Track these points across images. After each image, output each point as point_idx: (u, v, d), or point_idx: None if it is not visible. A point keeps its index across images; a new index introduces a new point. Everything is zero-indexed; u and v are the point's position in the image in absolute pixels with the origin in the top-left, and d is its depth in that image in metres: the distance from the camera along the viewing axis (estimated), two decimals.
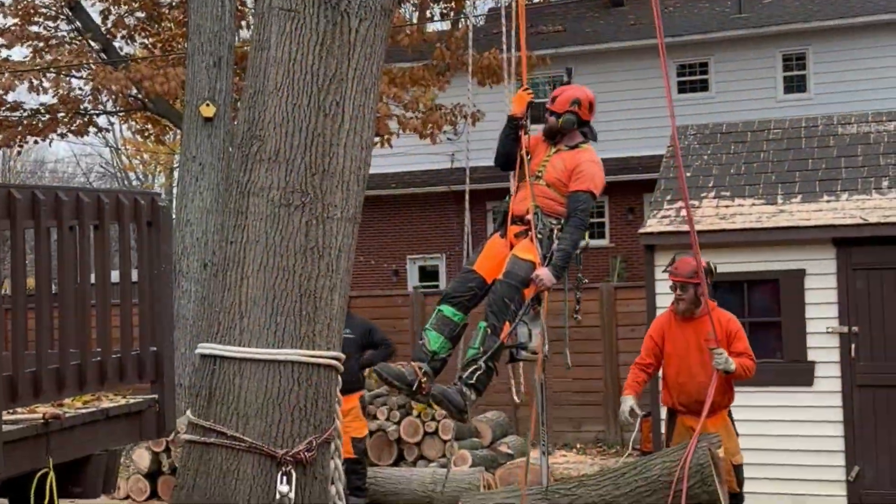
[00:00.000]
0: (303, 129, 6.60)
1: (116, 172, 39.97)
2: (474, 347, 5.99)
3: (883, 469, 8.71)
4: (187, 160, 12.93)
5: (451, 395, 5.88)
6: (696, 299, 7.15)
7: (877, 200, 9.05)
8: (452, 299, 6.14)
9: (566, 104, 6.57)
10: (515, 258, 6.14)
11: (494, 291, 6.06)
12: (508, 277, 6.07)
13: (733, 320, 7.26)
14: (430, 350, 6.05)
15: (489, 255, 6.26)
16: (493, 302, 6.03)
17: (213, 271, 6.85)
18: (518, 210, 6.33)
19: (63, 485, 4.61)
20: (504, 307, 6.00)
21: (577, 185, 6.30)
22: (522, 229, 6.26)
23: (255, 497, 6.31)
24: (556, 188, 6.36)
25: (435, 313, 6.14)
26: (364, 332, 9.28)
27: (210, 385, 6.53)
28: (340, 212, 6.71)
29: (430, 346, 6.05)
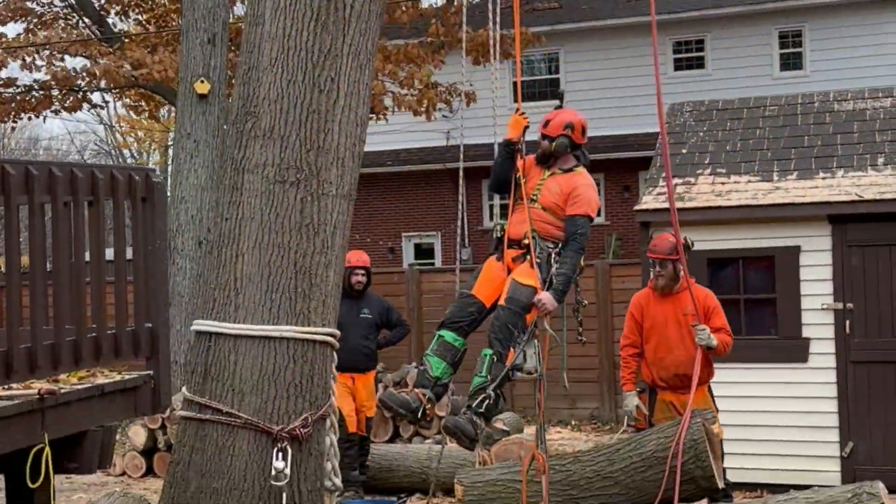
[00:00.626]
0: (297, 106, 6.58)
1: (111, 150, 39.87)
2: (481, 376, 6.03)
3: (877, 445, 8.75)
4: (182, 137, 12.90)
5: (463, 426, 5.94)
6: (674, 275, 7.28)
7: (872, 177, 9.05)
8: (453, 325, 6.18)
9: (559, 128, 6.56)
10: (516, 283, 6.16)
11: (498, 318, 6.09)
12: (511, 304, 6.10)
13: (710, 296, 7.37)
14: (433, 376, 6.11)
15: (487, 278, 6.29)
16: (498, 329, 6.07)
17: (208, 248, 6.85)
18: (515, 234, 6.35)
19: (59, 460, 4.63)
20: (509, 334, 6.07)
21: (574, 209, 6.35)
22: (519, 253, 6.30)
23: (250, 473, 6.33)
24: (552, 212, 6.39)
25: (436, 339, 6.17)
26: (381, 311, 9.35)
27: (205, 362, 6.54)
28: (336, 188, 6.70)
29: (433, 372, 6.11)
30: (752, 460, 8.86)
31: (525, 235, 6.26)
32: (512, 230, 6.38)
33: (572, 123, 6.59)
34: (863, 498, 6.44)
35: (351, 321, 8.82)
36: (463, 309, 6.20)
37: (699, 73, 21.14)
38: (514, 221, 6.42)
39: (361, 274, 9.14)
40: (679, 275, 7.28)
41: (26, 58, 17.37)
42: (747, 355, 9.02)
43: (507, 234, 6.38)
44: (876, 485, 6.53)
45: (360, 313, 9.12)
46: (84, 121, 49.48)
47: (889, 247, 8.75)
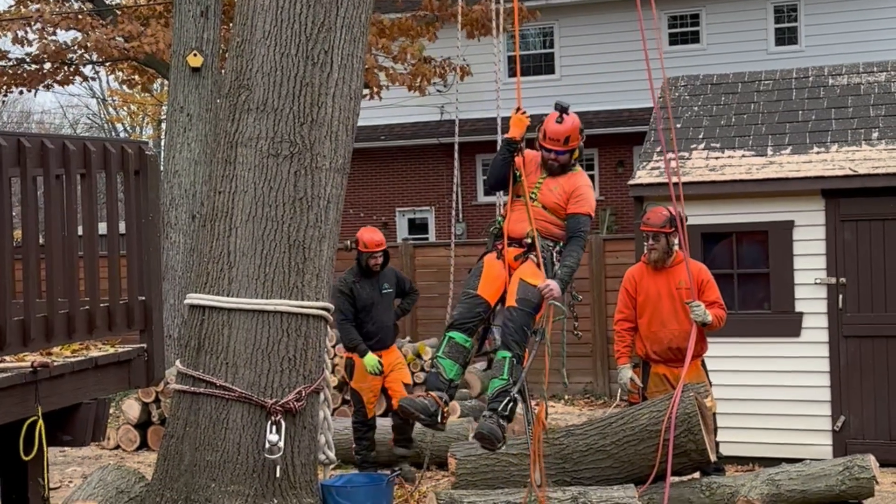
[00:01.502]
0: (291, 79, 6.56)
1: (104, 124, 39.72)
2: (503, 378, 6.03)
3: (868, 419, 8.79)
4: (175, 111, 12.85)
5: (495, 431, 5.95)
6: (667, 249, 7.34)
7: (866, 151, 9.05)
8: (462, 326, 6.18)
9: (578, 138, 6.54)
10: (525, 283, 6.17)
11: (513, 320, 6.09)
12: (524, 305, 6.12)
13: (704, 270, 7.41)
14: (447, 379, 6.10)
15: (490, 277, 6.29)
16: (514, 331, 6.08)
17: (202, 222, 6.84)
18: (516, 232, 6.36)
19: (52, 433, 4.63)
20: (524, 336, 6.11)
21: (576, 208, 6.38)
22: (520, 252, 6.33)
23: (244, 446, 6.36)
24: (553, 211, 6.40)
25: (446, 341, 6.15)
26: (399, 282, 9.23)
27: (199, 335, 6.55)
28: (329, 162, 6.70)
29: (447, 374, 6.10)
30: (745, 434, 8.91)
31: (527, 235, 6.30)
32: (512, 228, 6.39)
33: (582, 128, 6.63)
34: (854, 471, 6.48)
35: (376, 299, 8.88)
36: (471, 310, 6.21)
37: (694, 48, 21.08)
38: (513, 219, 6.43)
39: (379, 256, 8.95)
40: (672, 248, 7.35)
41: (18, 32, 17.25)
42: (740, 329, 9.05)
43: (507, 233, 6.39)
44: (867, 458, 6.57)
45: (381, 290, 9.00)
46: (76, 94, 49.30)
47: (882, 221, 8.76)
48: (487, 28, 17.54)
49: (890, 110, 9.51)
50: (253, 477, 6.32)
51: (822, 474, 6.54)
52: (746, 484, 6.54)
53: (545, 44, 22.06)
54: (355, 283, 8.83)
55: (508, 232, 6.41)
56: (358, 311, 8.80)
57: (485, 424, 5.96)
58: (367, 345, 8.76)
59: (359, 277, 8.88)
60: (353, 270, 8.97)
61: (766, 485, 6.51)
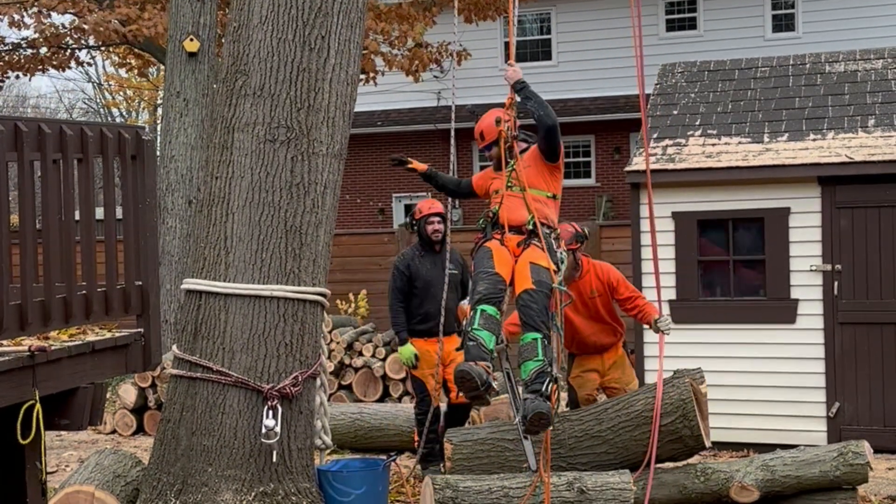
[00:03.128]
0: (288, 64, 6.56)
1: (100, 109, 39.64)
2: (538, 359, 6.09)
3: (862, 405, 8.83)
4: (171, 96, 12.83)
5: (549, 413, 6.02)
6: (575, 264, 7.56)
7: (862, 139, 9.06)
8: (490, 299, 6.24)
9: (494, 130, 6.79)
10: (539, 267, 6.33)
11: (536, 302, 6.21)
12: (542, 287, 6.27)
13: (612, 270, 7.68)
14: (489, 349, 6.13)
15: (502, 260, 6.41)
16: (538, 313, 6.19)
17: (198, 207, 6.84)
18: (515, 220, 6.51)
19: (50, 417, 4.65)
20: (547, 316, 6.24)
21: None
22: (522, 238, 6.49)
23: (241, 431, 6.37)
24: (535, 182, 6.60)
25: (478, 314, 6.18)
26: (464, 267, 8.40)
27: (196, 320, 6.56)
28: (326, 147, 6.70)
29: (489, 345, 6.14)
30: (740, 420, 8.95)
31: (528, 222, 6.48)
32: (511, 216, 6.52)
33: (499, 117, 6.81)
34: (848, 457, 6.51)
35: (437, 277, 8.00)
36: (495, 286, 6.29)
37: (691, 35, 21.04)
38: (508, 207, 6.57)
39: (437, 221, 8.25)
40: (579, 263, 7.57)
41: (14, 15, 17.21)
42: (736, 316, 9.09)
43: (507, 221, 6.52)
44: (861, 444, 6.59)
45: (445, 269, 7.88)
46: (73, 79, 49.16)
47: (878, 208, 8.77)
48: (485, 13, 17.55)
49: (886, 97, 9.51)
50: (249, 461, 6.34)
51: (816, 460, 6.57)
52: (741, 470, 6.57)
53: (542, 30, 22.01)
54: (415, 259, 8.21)
55: (509, 220, 6.50)
56: (417, 289, 8.13)
57: (535, 405, 5.96)
58: (426, 327, 8.08)
59: (421, 252, 8.27)
60: (415, 246, 8.42)
61: (760, 470, 6.54)
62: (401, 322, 8.21)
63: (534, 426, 6.03)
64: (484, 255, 6.48)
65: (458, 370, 6.04)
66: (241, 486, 6.29)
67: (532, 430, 6.13)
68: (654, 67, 11.49)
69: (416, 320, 8.24)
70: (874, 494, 7.38)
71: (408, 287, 8.20)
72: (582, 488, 6.20)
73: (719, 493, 6.54)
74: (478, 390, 6.02)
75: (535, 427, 6.05)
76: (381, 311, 14.37)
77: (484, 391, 6.05)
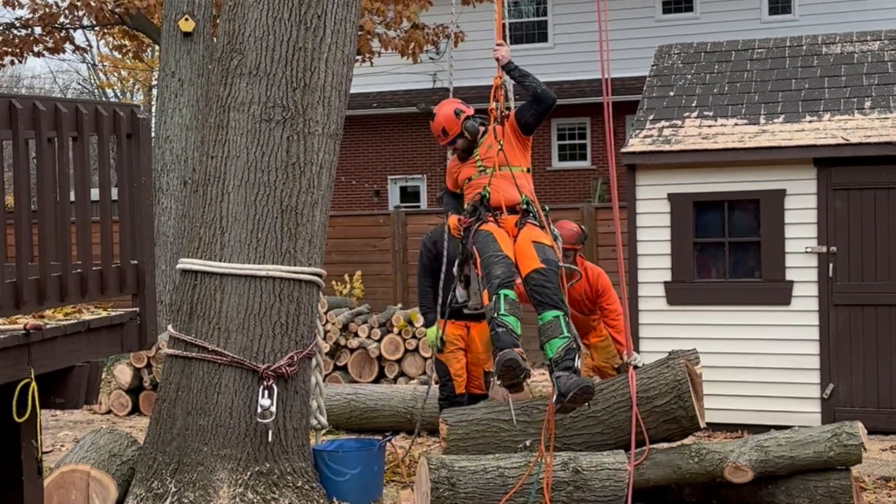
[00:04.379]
0: (284, 43, 6.54)
1: (94, 90, 39.50)
2: (565, 336, 6.09)
3: (856, 386, 8.85)
4: (166, 76, 12.78)
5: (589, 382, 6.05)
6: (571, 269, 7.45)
7: (859, 120, 9.05)
8: (509, 283, 6.25)
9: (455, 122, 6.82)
10: (542, 245, 6.39)
11: (549, 280, 6.22)
12: (551, 265, 6.31)
13: (602, 276, 7.71)
14: (518, 334, 6.13)
15: (505, 242, 6.43)
16: (554, 291, 6.21)
17: (194, 187, 6.84)
18: (508, 200, 6.56)
19: (45, 395, 4.64)
20: (562, 292, 6.27)
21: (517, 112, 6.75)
22: (517, 218, 6.54)
23: (236, 410, 6.39)
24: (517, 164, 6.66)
25: (502, 298, 6.16)
26: None
27: (191, 300, 6.57)
28: (322, 127, 6.69)
29: (517, 330, 6.14)
30: (734, 401, 8.97)
31: (521, 201, 6.54)
32: (503, 197, 6.54)
33: (459, 109, 6.84)
34: (842, 438, 6.53)
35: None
36: (509, 268, 6.30)
37: (688, 16, 20.98)
38: (497, 188, 6.58)
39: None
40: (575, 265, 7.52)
41: None
42: (731, 298, 9.09)
43: (501, 202, 6.54)
44: (855, 425, 6.61)
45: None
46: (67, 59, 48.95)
47: (874, 190, 8.77)
48: None
49: (883, 79, 9.50)
50: (245, 441, 6.36)
51: (810, 441, 6.59)
52: (735, 450, 6.58)
53: (538, 11, 21.95)
54: (444, 238, 7.56)
55: (503, 201, 6.52)
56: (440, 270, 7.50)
57: (577, 380, 5.95)
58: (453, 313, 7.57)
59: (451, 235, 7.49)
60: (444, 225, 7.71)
61: (754, 451, 6.56)
62: (427, 302, 7.85)
63: (575, 401, 6.01)
64: (486, 238, 6.46)
65: (507, 360, 5.96)
66: (236, 465, 6.31)
67: (570, 407, 6.10)
68: (650, 49, 11.46)
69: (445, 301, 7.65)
70: (868, 475, 7.41)
71: (436, 265, 7.64)
72: (577, 468, 6.22)
73: (713, 474, 6.56)
74: (518, 378, 6.04)
75: (578, 402, 6.03)
76: (376, 293, 14.40)
77: (523, 378, 6.08)
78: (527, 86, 6.60)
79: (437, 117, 6.88)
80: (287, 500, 6.35)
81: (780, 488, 6.62)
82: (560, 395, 5.97)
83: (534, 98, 6.58)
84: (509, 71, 6.72)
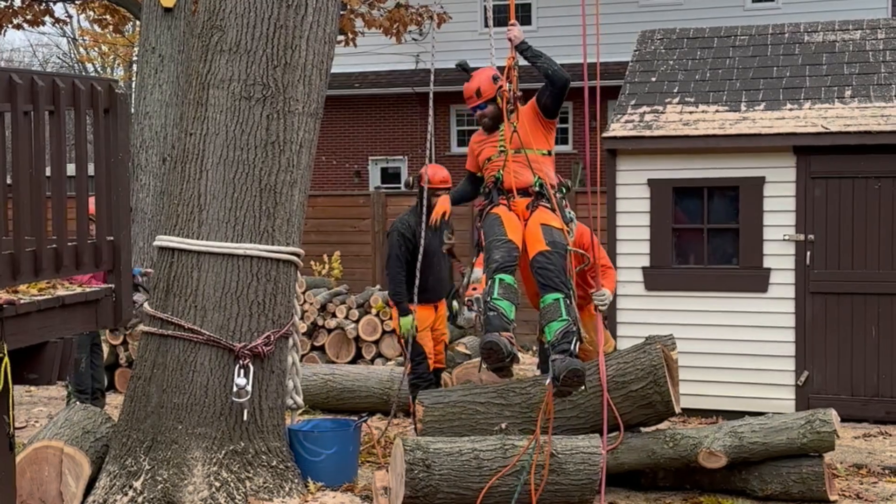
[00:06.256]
0: (265, 20, 6.49)
1: (74, 64, 39.19)
2: (564, 319, 6.12)
3: (831, 373, 8.90)
4: (146, 51, 12.67)
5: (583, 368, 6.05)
6: None
7: (839, 109, 9.08)
8: (507, 268, 6.24)
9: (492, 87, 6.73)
10: (550, 228, 6.39)
11: (553, 263, 6.24)
12: (558, 248, 6.33)
13: (585, 233, 7.47)
14: (510, 319, 6.13)
15: (512, 226, 6.42)
16: (556, 273, 6.23)
17: (172, 164, 6.79)
18: (520, 183, 6.54)
19: (18, 371, 4.61)
20: (565, 276, 6.28)
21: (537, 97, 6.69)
22: (530, 200, 6.53)
23: (212, 389, 6.37)
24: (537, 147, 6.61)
25: (497, 282, 6.17)
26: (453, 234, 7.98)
27: (168, 278, 6.54)
28: (302, 106, 6.65)
29: (510, 315, 6.14)
30: (709, 387, 9.01)
31: (534, 183, 6.53)
32: (516, 181, 6.53)
33: (496, 75, 6.79)
34: (815, 425, 6.57)
35: (437, 248, 7.91)
36: (510, 253, 6.29)
37: (671, 2, 20.95)
38: (509, 171, 6.55)
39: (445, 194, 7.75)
40: None
41: None
42: (708, 284, 9.12)
43: (513, 185, 6.51)
44: (828, 412, 6.66)
45: (442, 239, 7.92)
46: (47, 33, 48.54)
47: (852, 179, 8.81)
48: None
49: (864, 69, 9.53)
50: (220, 420, 6.34)
51: (784, 427, 6.63)
52: (710, 436, 6.62)
53: None
54: (419, 227, 7.69)
55: (516, 184, 6.53)
56: (417, 259, 7.55)
57: (567, 362, 5.96)
58: (424, 296, 7.74)
59: (421, 220, 7.71)
60: (413, 211, 8.00)
61: (728, 437, 6.59)
62: (402, 290, 7.83)
63: (567, 385, 6.02)
64: (493, 222, 6.46)
65: (487, 342, 5.96)
66: (211, 443, 6.30)
67: (565, 391, 6.13)
68: (633, 34, 11.45)
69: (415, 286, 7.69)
70: (840, 462, 7.46)
71: (410, 255, 7.79)
72: (552, 452, 6.23)
73: (688, 459, 6.60)
74: (503, 361, 6.01)
75: (570, 385, 6.04)
76: (355, 273, 14.36)
77: (509, 362, 6.06)
78: (539, 66, 6.56)
79: (475, 78, 6.82)
80: (261, 480, 6.34)
81: (753, 474, 6.67)
82: (554, 377, 6.03)
83: (547, 79, 6.55)
84: (522, 51, 6.64)
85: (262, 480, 6.33)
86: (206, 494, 6.12)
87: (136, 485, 6.19)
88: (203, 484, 6.15)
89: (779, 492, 6.61)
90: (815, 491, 6.57)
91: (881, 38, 9.91)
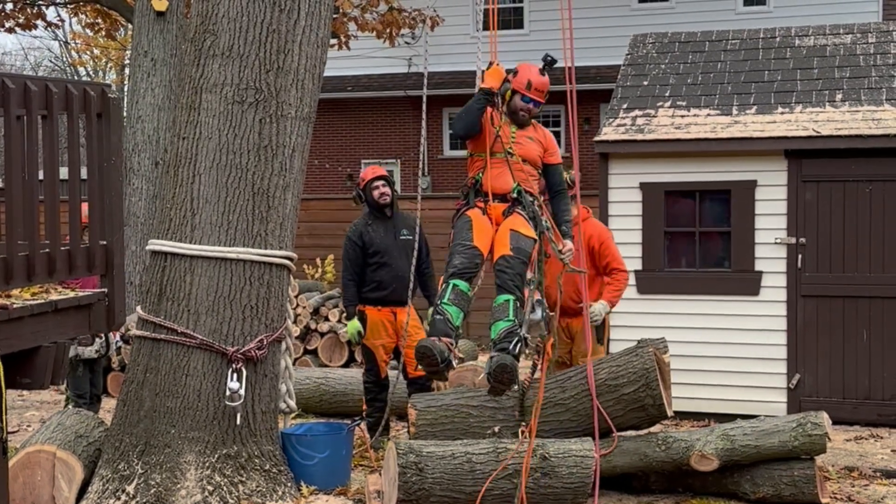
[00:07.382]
0: (257, 25, 6.50)
1: (66, 68, 39.14)
2: (509, 320, 6.14)
3: (822, 377, 8.93)
4: (139, 55, 12.68)
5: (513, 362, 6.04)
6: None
7: (830, 113, 9.11)
8: (464, 274, 6.24)
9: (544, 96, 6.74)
10: (518, 234, 6.37)
11: (511, 267, 6.26)
12: (519, 254, 6.32)
13: (595, 237, 7.49)
14: (455, 325, 6.14)
15: (482, 230, 6.40)
16: (512, 277, 6.24)
17: (165, 168, 6.79)
18: (499, 188, 6.51)
19: (11, 375, 4.61)
20: (522, 281, 6.30)
21: (553, 159, 6.76)
22: (507, 206, 6.50)
23: (205, 393, 6.37)
24: (532, 163, 6.62)
25: (450, 288, 6.18)
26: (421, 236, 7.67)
27: (160, 282, 6.54)
28: (295, 110, 6.66)
29: (455, 321, 6.15)
30: (701, 390, 9.03)
31: (512, 190, 6.50)
32: (495, 184, 6.50)
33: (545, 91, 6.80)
34: (807, 427, 6.59)
35: (390, 244, 8.01)
36: (471, 260, 6.28)
37: (663, 6, 21.01)
38: (493, 175, 6.53)
39: (382, 184, 8.01)
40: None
41: None
42: (700, 287, 9.15)
43: (491, 189, 6.48)
44: (820, 415, 6.68)
45: (398, 235, 8.03)
46: (39, 37, 48.45)
47: (843, 183, 8.84)
48: None
49: (854, 72, 9.57)
50: (213, 424, 6.34)
51: (775, 430, 6.65)
52: (702, 439, 6.63)
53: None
54: (367, 227, 8.02)
55: (493, 188, 6.51)
56: (370, 256, 7.95)
57: (499, 357, 5.99)
58: (379, 295, 7.95)
59: (371, 220, 8.07)
60: (364, 214, 8.19)
61: (720, 440, 6.61)
62: (350, 296, 8.03)
63: (497, 379, 6.05)
64: (463, 225, 6.46)
65: (420, 346, 6.03)
66: (204, 447, 6.30)
67: (497, 387, 6.15)
68: (625, 38, 11.48)
69: (369, 288, 8.04)
70: (832, 465, 7.49)
71: (362, 258, 8.00)
72: (545, 455, 6.24)
73: (680, 462, 6.61)
74: (437, 366, 6.02)
75: (500, 381, 6.07)
76: None
77: (444, 367, 6.06)
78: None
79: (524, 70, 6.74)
80: (254, 483, 6.34)
81: (745, 477, 6.68)
82: (487, 373, 6.12)
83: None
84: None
85: (255, 484, 6.34)
86: (199, 498, 6.12)
87: (128, 489, 6.19)
88: (196, 488, 6.16)
89: (770, 495, 6.62)
90: (806, 494, 6.58)
91: (872, 42, 9.95)
